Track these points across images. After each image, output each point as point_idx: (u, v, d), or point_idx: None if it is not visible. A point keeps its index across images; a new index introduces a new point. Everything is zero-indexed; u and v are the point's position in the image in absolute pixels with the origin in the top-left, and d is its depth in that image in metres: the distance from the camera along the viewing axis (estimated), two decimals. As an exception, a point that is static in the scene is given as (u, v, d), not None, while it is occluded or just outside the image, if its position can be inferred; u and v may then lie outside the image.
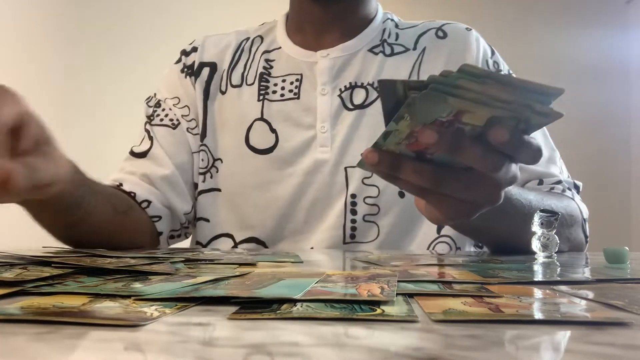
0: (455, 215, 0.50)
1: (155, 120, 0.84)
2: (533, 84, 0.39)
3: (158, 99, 0.86)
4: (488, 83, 0.37)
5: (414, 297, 0.29)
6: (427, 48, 0.83)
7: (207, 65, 0.87)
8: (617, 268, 0.46)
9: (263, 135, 0.81)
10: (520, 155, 0.44)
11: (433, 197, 0.48)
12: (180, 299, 0.27)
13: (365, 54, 0.83)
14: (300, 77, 0.83)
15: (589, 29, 2.76)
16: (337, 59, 0.82)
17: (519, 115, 0.41)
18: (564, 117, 0.43)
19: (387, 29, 0.86)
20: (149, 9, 2.59)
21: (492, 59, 0.84)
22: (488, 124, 0.41)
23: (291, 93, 0.82)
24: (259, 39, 0.89)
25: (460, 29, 0.86)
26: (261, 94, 0.83)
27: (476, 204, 0.49)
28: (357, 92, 0.81)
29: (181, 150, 0.83)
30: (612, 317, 0.24)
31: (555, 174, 0.80)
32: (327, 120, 0.80)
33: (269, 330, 0.21)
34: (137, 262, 0.42)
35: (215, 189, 0.83)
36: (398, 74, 0.81)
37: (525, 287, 0.33)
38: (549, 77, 2.61)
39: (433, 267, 0.44)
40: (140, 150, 0.82)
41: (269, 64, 0.85)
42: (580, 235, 0.76)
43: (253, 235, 0.80)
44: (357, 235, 0.77)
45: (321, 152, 0.79)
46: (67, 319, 0.22)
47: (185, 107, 0.85)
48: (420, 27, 0.87)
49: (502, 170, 0.44)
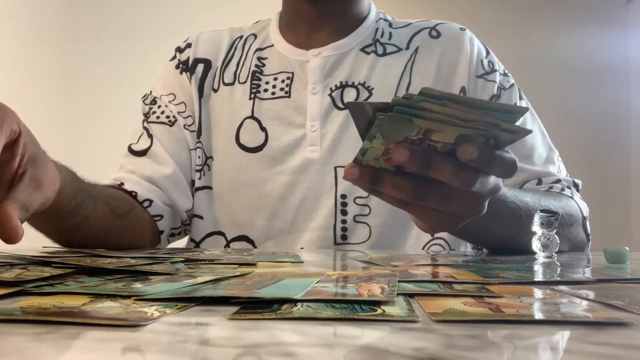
0: (438, 226, 0.51)
1: (152, 118, 0.84)
2: (495, 105, 0.41)
3: (154, 96, 0.86)
4: (448, 105, 0.38)
5: (414, 297, 0.29)
6: (420, 48, 0.83)
7: (201, 62, 0.87)
8: (617, 268, 0.46)
9: (253, 133, 0.81)
10: (493, 169, 0.45)
11: (415, 210, 0.49)
12: (181, 299, 0.27)
13: (357, 53, 0.83)
14: (292, 75, 0.83)
15: (589, 29, 2.76)
16: (328, 58, 0.82)
17: (486, 133, 0.41)
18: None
19: (380, 28, 0.85)
20: (147, 9, 2.59)
21: (487, 58, 0.83)
22: (458, 142, 0.42)
23: (282, 91, 0.82)
24: (252, 36, 0.89)
25: (454, 28, 0.85)
26: (252, 92, 0.83)
27: (458, 216, 0.49)
28: (348, 92, 0.81)
29: (180, 147, 0.83)
30: (612, 317, 0.24)
31: (553, 173, 0.79)
32: (316, 119, 0.79)
33: (270, 330, 0.21)
34: (138, 262, 0.42)
35: (208, 186, 0.83)
36: (390, 73, 0.81)
37: (526, 287, 0.33)
38: (548, 77, 2.61)
39: (433, 267, 0.44)
40: (140, 148, 0.82)
41: (261, 62, 0.85)
42: (581, 234, 0.76)
43: (243, 234, 0.80)
44: (348, 236, 0.77)
45: (310, 151, 0.79)
46: (68, 319, 0.22)
47: (182, 103, 0.85)
48: (414, 27, 0.86)
49: (476, 184, 0.44)
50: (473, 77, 0.81)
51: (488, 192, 0.48)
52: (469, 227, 0.59)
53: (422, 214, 0.50)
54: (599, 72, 2.73)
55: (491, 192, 0.48)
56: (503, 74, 0.83)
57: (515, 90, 0.83)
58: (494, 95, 0.81)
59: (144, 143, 0.82)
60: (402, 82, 0.80)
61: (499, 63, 0.85)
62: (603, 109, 2.73)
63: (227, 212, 0.81)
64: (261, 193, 0.79)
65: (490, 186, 0.47)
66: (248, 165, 0.80)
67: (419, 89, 0.38)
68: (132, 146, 0.83)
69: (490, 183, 0.47)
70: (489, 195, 0.49)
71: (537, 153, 0.80)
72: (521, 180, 0.78)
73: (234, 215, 0.80)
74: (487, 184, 0.46)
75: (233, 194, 0.80)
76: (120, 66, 2.52)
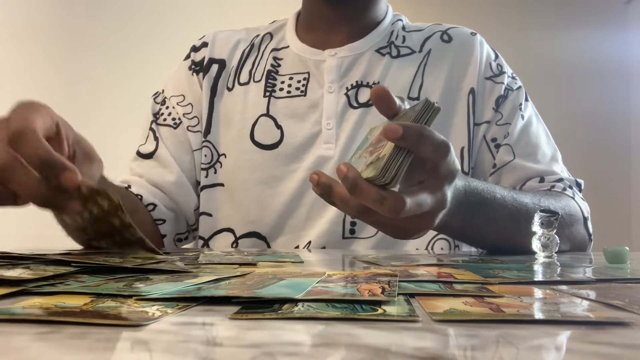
0: (395, 236, 0.53)
1: (159, 120, 0.86)
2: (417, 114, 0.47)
3: (164, 97, 0.88)
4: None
5: (415, 297, 0.29)
6: (433, 51, 0.85)
7: (216, 62, 0.88)
8: (617, 268, 0.46)
9: (268, 130, 0.82)
10: (424, 149, 0.45)
11: (367, 222, 0.51)
12: (182, 299, 0.27)
13: (372, 54, 0.84)
14: (308, 75, 0.84)
15: (589, 29, 2.76)
16: (344, 58, 0.84)
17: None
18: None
19: (395, 31, 0.87)
20: (147, 15, 2.58)
21: (496, 62, 0.86)
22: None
23: (298, 90, 0.83)
24: (268, 36, 0.90)
25: (465, 33, 0.88)
26: (267, 91, 0.84)
27: (407, 229, 0.51)
28: (363, 91, 0.82)
29: (183, 149, 0.84)
30: (612, 317, 0.24)
31: (557, 171, 0.81)
32: (332, 117, 0.80)
33: (271, 330, 0.21)
34: (140, 261, 0.42)
35: (218, 184, 0.83)
36: (403, 74, 0.83)
37: (526, 287, 0.33)
38: (548, 76, 2.61)
39: (433, 267, 0.44)
40: (147, 150, 0.84)
41: (277, 62, 0.86)
42: (581, 234, 0.76)
43: (254, 230, 0.80)
44: (356, 231, 0.77)
45: (325, 149, 0.80)
46: (69, 318, 0.22)
47: (189, 104, 0.86)
48: (427, 31, 0.88)
49: (403, 212, 0.44)
50: (482, 79, 0.83)
51: (433, 210, 0.48)
52: (465, 230, 0.60)
53: (375, 225, 0.51)
54: (599, 72, 2.73)
55: (436, 209, 0.49)
56: (511, 77, 0.86)
57: (522, 93, 0.85)
58: (500, 95, 0.83)
59: (150, 146, 0.84)
60: (414, 83, 0.82)
61: (507, 66, 0.87)
62: (603, 109, 2.73)
63: (238, 208, 0.82)
64: (275, 190, 0.80)
65: (429, 207, 0.47)
66: (262, 162, 0.81)
67: (431, 89, 0.39)
68: (140, 149, 0.85)
69: (428, 204, 0.47)
70: (437, 212, 0.50)
71: (541, 151, 0.82)
72: (524, 177, 0.80)
73: (245, 212, 0.81)
74: (424, 206, 0.47)
75: (245, 191, 0.81)
76: (119, 72, 2.52)
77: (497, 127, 0.82)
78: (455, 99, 0.82)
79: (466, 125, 0.81)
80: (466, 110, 0.81)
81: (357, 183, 0.44)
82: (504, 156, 0.81)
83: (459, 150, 0.80)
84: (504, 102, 0.83)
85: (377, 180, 0.44)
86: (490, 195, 0.62)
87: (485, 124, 0.82)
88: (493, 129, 0.82)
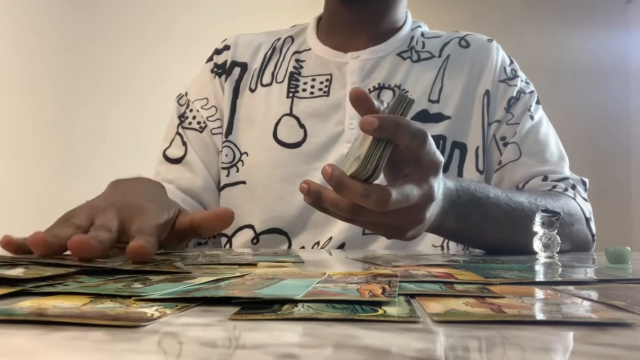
0: (389, 235, 0.53)
1: (185, 123, 0.87)
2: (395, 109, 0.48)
3: (188, 100, 0.89)
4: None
5: (415, 297, 0.29)
6: (451, 56, 0.87)
7: (238, 65, 0.90)
8: (618, 268, 0.46)
9: (292, 130, 0.83)
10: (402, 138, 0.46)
11: (358, 224, 0.52)
12: (181, 300, 0.27)
13: (393, 57, 0.86)
14: (330, 77, 0.85)
15: (589, 29, 2.76)
16: (367, 61, 0.85)
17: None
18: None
19: (414, 36, 0.89)
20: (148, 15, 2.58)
21: (510, 66, 0.89)
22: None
23: (320, 91, 0.85)
24: (289, 39, 0.92)
25: (482, 39, 0.90)
26: (290, 91, 0.86)
27: (400, 226, 0.51)
28: (385, 93, 0.83)
29: (209, 152, 0.86)
30: (614, 318, 0.24)
31: (562, 171, 0.82)
32: (355, 117, 0.81)
33: (270, 331, 0.21)
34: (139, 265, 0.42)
35: (240, 182, 0.85)
36: (424, 77, 0.85)
37: (527, 288, 0.33)
38: (548, 77, 2.61)
39: (434, 268, 0.44)
40: (175, 155, 0.85)
41: (299, 64, 0.88)
42: (584, 233, 0.77)
43: (275, 226, 0.81)
44: None
45: (347, 148, 0.80)
46: (68, 319, 0.22)
47: (213, 107, 0.88)
48: (445, 37, 0.91)
49: (389, 204, 0.45)
50: (496, 81, 0.86)
51: (421, 203, 0.49)
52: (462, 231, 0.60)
53: (368, 226, 0.52)
54: (600, 72, 2.73)
55: (424, 201, 0.49)
56: (525, 81, 0.88)
57: (534, 96, 0.87)
58: (512, 97, 0.85)
59: (178, 150, 0.85)
60: (434, 86, 0.84)
61: (521, 72, 0.90)
62: (603, 109, 2.73)
63: (259, 205, 0.82)
64: (297, 187, 0.80)
65: (416, 199, 0.48)
66: (285, 160, 0.82)
67: (450, 93, 0.40)
68: (166, 153, 0.86)
69: (415, 195, 0.48)
70: (425, 205, 0.50)
71: (549, 151, 0.84)
72: (527, 175, 0.81)
73: (267, 208, 0.82)
74: (411, 197, 0.47)
75: (267, 187, 0.82)
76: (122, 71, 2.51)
77: (507, 126, 0.84)
78: (472, 101, 0.84)
79: (481, 125, 0.83)
80: (481, 112, 0.83)
81: (342, 180, 0.45)
82: (510, 154, 0.82)
83: (474, 150, 0.82)
84: (516, 103, 0.85)
85: (360, 174, 0.45)
86: (483, 194, 0.63)
87: (496, 123, 0.84)
88: (503, 127, 0.84)
